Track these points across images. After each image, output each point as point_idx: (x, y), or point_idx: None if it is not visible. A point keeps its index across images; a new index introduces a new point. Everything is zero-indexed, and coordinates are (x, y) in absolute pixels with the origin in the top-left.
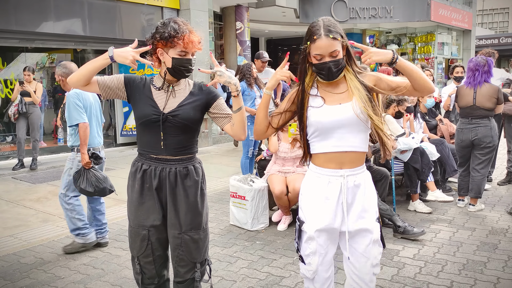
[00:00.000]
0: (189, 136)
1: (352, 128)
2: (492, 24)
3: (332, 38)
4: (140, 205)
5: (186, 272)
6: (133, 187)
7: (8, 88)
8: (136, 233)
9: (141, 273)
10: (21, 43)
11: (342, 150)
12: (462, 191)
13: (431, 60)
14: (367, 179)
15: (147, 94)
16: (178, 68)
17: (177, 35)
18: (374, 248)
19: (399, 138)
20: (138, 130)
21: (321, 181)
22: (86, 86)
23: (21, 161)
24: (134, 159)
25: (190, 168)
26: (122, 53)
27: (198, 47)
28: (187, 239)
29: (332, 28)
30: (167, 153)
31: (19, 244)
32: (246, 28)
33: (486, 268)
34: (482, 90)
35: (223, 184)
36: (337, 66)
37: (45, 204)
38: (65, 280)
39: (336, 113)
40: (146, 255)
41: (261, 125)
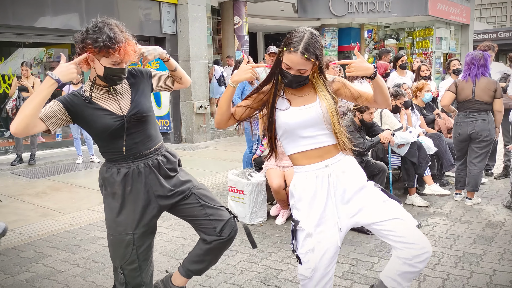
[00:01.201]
0: (152, 126)
1: (318, 127)
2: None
3: (306, 58)
4: (122, 210)
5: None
6: (113, 194)
7: (5, 83)
8: (120, 240)
9: (124, 283)
10: (19, 38)
11: (316, 146)
12: (459, 185)
13: (429, 54)
14: (351, 163)
15: (95, 107)
16: (110, 77)
17: (113, 46)
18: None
19: (396, 132)
20: (103, 142)
21: (309, 178)
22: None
23: (19, 156)
24: (103, 166)
25: (166, 154)
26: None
27: (133, 57)
28: (200, 191)
29: (310, 48)
30: (143, 149)
31: (18, 238)
32: (244, 23)
33: (482, 260)
34: (481, 83)
35: (221, 179)
36: (298, 81)
37: (44, 199)
38: (64, 274)
39: (302, 114)
40: (131, 261)
41: (223, 115)
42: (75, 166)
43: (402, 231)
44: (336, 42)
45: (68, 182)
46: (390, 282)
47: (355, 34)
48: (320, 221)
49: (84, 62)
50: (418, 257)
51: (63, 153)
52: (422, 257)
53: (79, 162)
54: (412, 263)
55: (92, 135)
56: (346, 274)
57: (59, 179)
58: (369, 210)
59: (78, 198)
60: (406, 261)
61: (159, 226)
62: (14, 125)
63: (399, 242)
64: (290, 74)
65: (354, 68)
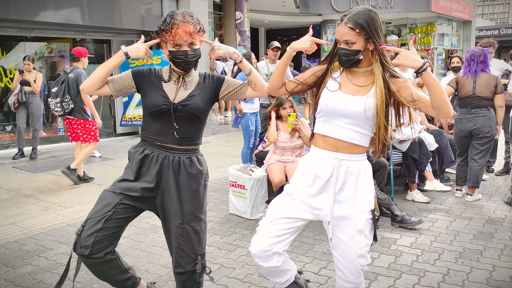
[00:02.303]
0: (197, 127)
1: (356, 121)
2: (493, 15)
3: (349, 27)
4: (131, 182)
5: (187, 264)
6: (130, 168)
7: (7, 78)
8: (105, 197)
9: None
10: (20, 32)
11: (338, 137)
12: (460, 181)
13: (431, 51)
14: (364, 169)
15: (157, 85)
16: (174, 60)
17: (165, 28)
18: (359, 239)
19: (397, 128)
20: (145, 119)
21: (316, 159)
22: (98, 90)
23: (21, 150)
24: (136, 144)
25: (193, 159)
26: (136, 48)
27: (187, 38)
28: (189, 229)
29: (356, 18)
30: (174, 142)
31: (20, 232)
32: (246, 18)
33: (482, 256)
34: (481, 79)
35: (222, 174)
36: (346, 55)
37: (46, 192)
38: None
39: (346, 102)
40: (97, 220)
41: (276, 80)
42: None
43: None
44: None
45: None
46: None
47: None
48: (304, 198)
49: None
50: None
51: (64, 148)
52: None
53: None
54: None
55: (143, 108)
56: (323, 271)
57: (60, 173)
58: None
59: (80, 192)
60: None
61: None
62: (83, 85)
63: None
64: (340, 49)
65: (401, 56)
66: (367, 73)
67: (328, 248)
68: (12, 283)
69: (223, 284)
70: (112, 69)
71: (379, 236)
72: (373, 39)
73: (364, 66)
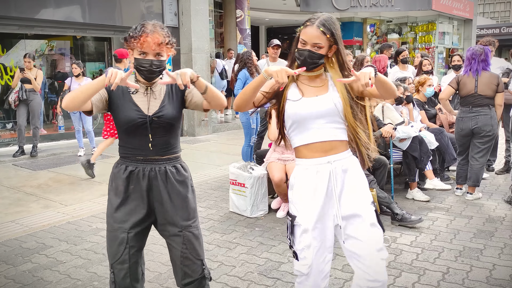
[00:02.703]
0: (173, 135)
1: (330, 119)
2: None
3: (321, 31)
4: (122, 207)
5: (194, 271)
6: (116, 189)
7: (7, 75)
8: (114, 237)
9: (114, 282)
10: (21, 29)
11: (323, 139)
12: (460, 180)
13: (431, 49)
14: (354, 164)
15: (128, 99)
16: (138, 68)
17: (134, 35)
18: (373, 232)
19: (398, 127)
20: (121, 135)
21: (310, 172)
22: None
23: (21, 148)
24: (116, 162)
25: (178, 166)
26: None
27: (155, 48)
28: (189, 235)
29: (327, 24)
30: (156, 154)
31: (20, 229)
32: (246, 16)
33: (482, 255)
34: (483, 78)
35: (222, 172)
36: (313, 58)
37: (46, 190)
38: (66, 265)
39: (314, 104)
40: (122, 261)
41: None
42: (76, 158)
43: (366, 258)
44: None
45: (70, 174)
46: None
47: (357, 28)
48: (317, 218)
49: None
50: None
51: (64, 145)
52: None
53: (81, 155)
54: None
55: (116, 125)
56: (347, 267)
57: (61, 171)
58: (356, 225)
59: (80, 190)
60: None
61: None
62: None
63: (358, 267)
64: (305, 50)
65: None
66: (320, 75)
67: None
68: (12, 280)
69: (223, 282)
70: (96, 93)
71: None
72: (338, 46)
73: (318, 69)
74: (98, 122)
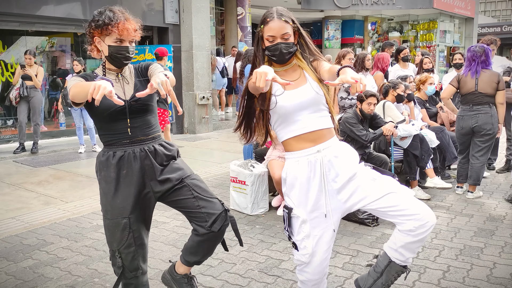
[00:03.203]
0: (152, 114)
1: (313, 108)
2: (495, 12)
3: (284, 20)
4: (118, 194)
5: (214, 208)
6: (107, 177)
7: (8, 72)
8: (116, 224)
9: (122, 266)
10: (22, 26)
11: (310, 130)
12: (460, 178)
13: (432, 47)
14: (344, 148)
15: None
16: (115, 55)
17: (111, 22)
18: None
19: (399, 125)
20: (101, 124)
21: (301, 163)
22: None
23: (22, 144)
24: (101, 151)
25: (163, 143)
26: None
27: (134, 34)
28: (193, 181)
29: (284, 13)
30: (141, 134)
31: (21, 226)
32: (247, 14)
33: (483, 253)
34: (483, 76)
35: (223, 169)
36: (287, 48)
37: (47, 187)
38: (67, 261)
39: (296, 96)
40: (127, 245)
41: None
42: (77, 155)
43: (400, 204)
44: (339, 34)
45: (71, 171)
46: (393, 253)
47: (358, 26)
48: (313, 207)
49: (95, 48)
50: (421, 227)
51: (65, 142)
52: (425, 227)
53: (81, 152)
54: (415, 233)
55: (93, 116)
56: (347, 265)
57: (61, 168)
58: (361, 193)
59: (81, 186)
60: (409, 233)
61: (161, 215)
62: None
63: (399, 216)
64: (277, 44)
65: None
66: (294, 66)
67: (350, 242)
68: (13, 276)
69: (223, 279)
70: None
71: (379, 233)
72: (300, 31)
73: (291, 61)
74: None
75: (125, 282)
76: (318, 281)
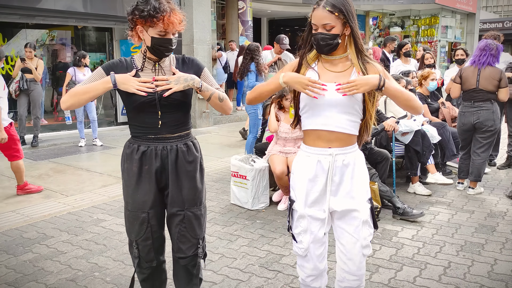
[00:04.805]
0: (184, 112)
1: (342, 109)
2: (497, 8)
3: (328, 10)
4: (139, 188)
5: (188, 249)
6: (129, 170)
7: (8, 65)
8: (135, 217)
9: (139, 257)
10: (22, 19)
11: (330, 129)
12: (462, 174)
13: (434, 43)
14: (358, 159)
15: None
16: (157, 47)
17: (156, 15)
18: (363, 229)
19: (400, 120)
20: (131, 114)
21: (311, 160)
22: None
23: (22, 138)
24: (128, 141)
25: (189, 144)
26: (126, 81)
27: (179, 27)
28: (189, 215)
29: (334, 2)
30: (166, 132)
31: (21, 219)
32: (249, 8)
33: (484, 249)
34: (485, 72)
35: (224, 164)
36: (325, 40)
37: (47, 180)
38: (67, 255)
39: (329, 91)
40: (145, 238)
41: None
42: (77, 149)
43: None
44: None
45: (71, 164)
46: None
47: (360, 21)
48: (313, 204)
49: (136, 35)
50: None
51: (65, 136)
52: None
53: (82, 145)
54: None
55: (124, 104)
56: None
57: (61, 162)
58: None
59: (81, 180)
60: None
61: None
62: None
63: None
64: (317, 34)
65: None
66: (343, 59)
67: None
68: (13, 270)
69: (224, 274)
70: (97, 96)
71: (380, 228)
72: (350, 23)
73: (340, 53)
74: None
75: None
76: (317, 276)
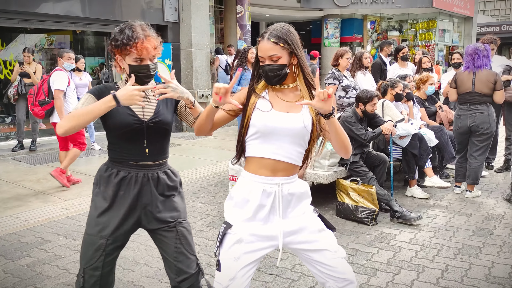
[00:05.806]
0: (167, 140)
1: (294, 139)
2: (494, 12)
3: (272, 42)
4: (106, 213)
5: (188, 267)
6: (104, 193)
7: (7, 69)
8: (91, 242)
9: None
10: (20, 23)
11: (278, 158)
12: (459, 178)
13: (431, 47)
14: (302, 187)
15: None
16: (136, 75)
17: (130, 42)
18: (324, 236)
19: (398, 124)
20: (114, 140)
21: (256, 188)
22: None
23: (20, 142)
24: (104, 164)
25: (168, 171)
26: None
27: (154, 53)
28: (183, 230)
29: (278, 34)
30: (149, 159)
31: (19, 224)
32: (247, 12)
33: (481, 253)
34: (481, 75)
35: (222, 168)
36: (273, 71)
37: (45, 185)
38: (65, 260)
39: (283, 120)
40: (95, 267)
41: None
42: None
43: (332, 265)
44: (338, 33)
45: (69, 168)
46: None
47: (358, 25)
48: (254, 231)
49: (117, 64)
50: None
51: None
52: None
53: None
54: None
55: (107, 129)
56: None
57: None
58: (303, 236)
59: (79, 184)
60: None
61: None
62: (63, 128)
63: (326, 274)
64: (264, 65)
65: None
66: (293, 89)
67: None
68: (11, 275)
69: None
70: (98, 117)
71: (378, 232)
72: (295, 52)
73: (289, 82)
74: None
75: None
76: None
